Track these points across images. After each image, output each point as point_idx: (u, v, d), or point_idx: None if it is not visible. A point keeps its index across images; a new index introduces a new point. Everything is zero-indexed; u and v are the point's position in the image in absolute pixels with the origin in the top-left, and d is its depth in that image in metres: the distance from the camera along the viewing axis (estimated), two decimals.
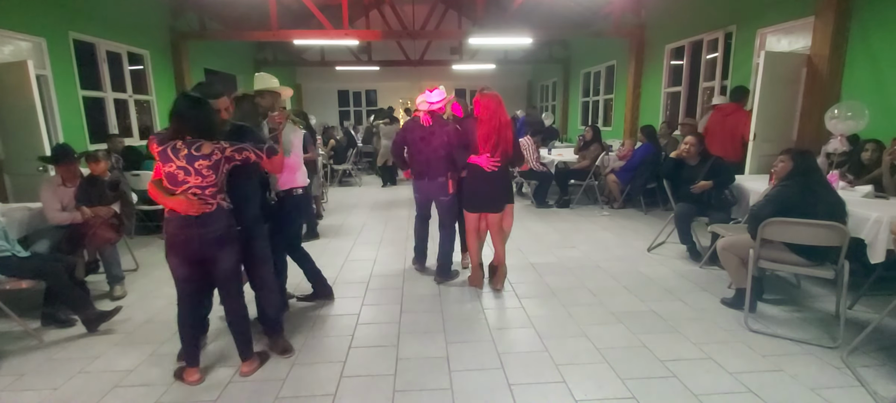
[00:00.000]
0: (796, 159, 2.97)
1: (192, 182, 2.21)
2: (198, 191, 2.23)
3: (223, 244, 2.32)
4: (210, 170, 2.21)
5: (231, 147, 2.26)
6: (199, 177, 2.20)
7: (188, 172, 2.19)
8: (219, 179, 2.27)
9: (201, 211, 2.24)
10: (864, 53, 4.59)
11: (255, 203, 2.65)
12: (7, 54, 5.18)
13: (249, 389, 2.42)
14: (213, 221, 2.27)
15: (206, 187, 2.23)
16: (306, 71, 15.65)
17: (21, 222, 3.52)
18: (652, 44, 8.55)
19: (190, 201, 2.21)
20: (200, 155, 2.18)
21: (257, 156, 2.33)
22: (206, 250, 2.30)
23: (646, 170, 6.26)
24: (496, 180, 3.42)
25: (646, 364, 2.59)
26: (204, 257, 2.33)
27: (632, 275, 3.97)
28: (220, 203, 2.31)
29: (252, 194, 2.63)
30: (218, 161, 2.23)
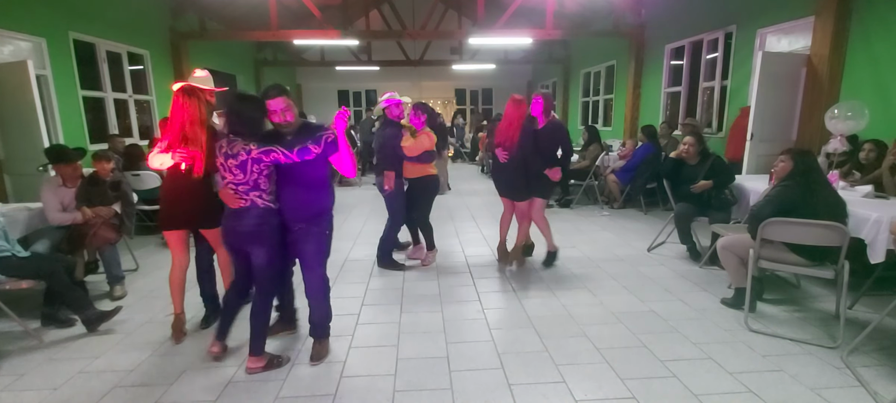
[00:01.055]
0: (796, 159, 2.96)
1: (229, 178, 2.35)
2: (233, 187, 2.35)
3: (254, 240, 2.40)
4: (238, 169, 2.30)
5: (258, 149, 2.27)
6: (231, 174, 2.33)
7: (226, 169, 2.34)
8: (249, 178, 2.32)
9: (237, 205, 2.36)
10: (864, 53, 4.59)
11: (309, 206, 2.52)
12: (7, 54, 5.18)
13: (249, 389, 2.42)
14: (245, 217, 2.37)
15: (239, 184, 2.33)
16: (306, 71, 15.67)
17: (21, 222, 3.52)
18: (652, 44, 8.56)
19: (228, 195, 2.37)
20: (231, 154, 2.30)
21: (287, 158, 2.29)
22: (239, 242, 2.43)
23: (646, 170, 6.26)
24: (508, 170, 3.92)
25: (646, 364, 2.59)
26: (240, 248, 2.46)
27: (632, 275, 3.97)
28: (255, 200, 2.36)
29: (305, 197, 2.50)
30: (244, 162, 2.29)
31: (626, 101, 9.26)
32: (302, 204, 2.49)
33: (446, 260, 4.47)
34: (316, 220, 2.52)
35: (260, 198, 2.37)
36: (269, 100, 2.39)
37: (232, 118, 2.31)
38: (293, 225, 2.50)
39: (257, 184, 2.34)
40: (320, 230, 2.55)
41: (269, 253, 2.43)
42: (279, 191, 2.45)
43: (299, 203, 2.48)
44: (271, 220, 2.40)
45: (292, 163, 2.33)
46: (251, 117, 2.32)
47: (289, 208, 2.47)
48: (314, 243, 2.54)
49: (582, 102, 12.20)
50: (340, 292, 3.72)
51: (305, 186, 2.48)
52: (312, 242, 2.53)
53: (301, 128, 2.50)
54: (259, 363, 2.54)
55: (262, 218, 2.37)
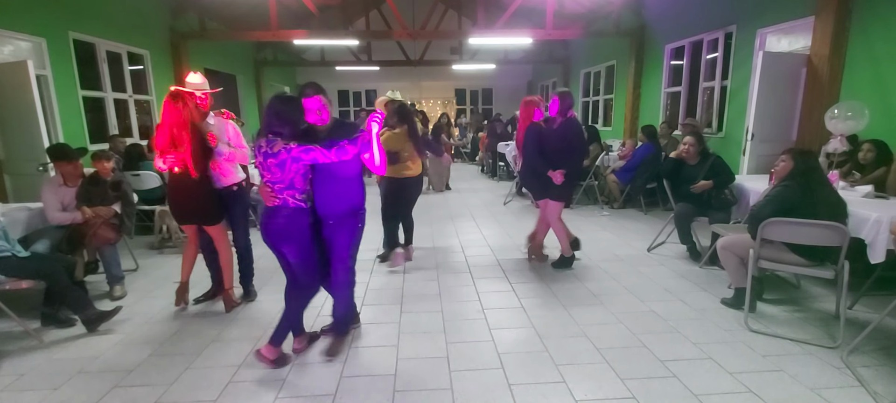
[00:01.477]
0: (797, 159, 2.96)
1: (267, 177, 2.40)
2: (270, 186, 2.41)
3: (284, 238, 2.46)
4: (277, 168, 2.34)
5: (298, 148, 2.31)
6: (269, 173, 2.38)
7: (264, 168, 2.38)
8: (286, 177, 2.36)
9: (272, 203, 2.42)
10: (864, 53, 4.59)
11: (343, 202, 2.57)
12: (7, 54, 5.18)
13: (249, 389, 2.42)
14: (277, 215, 2.43)
15: (275, 183, 2.39)
16: (306, 71, 15.65)
17: (21, 222, 3.52)
18: (652, 44, 8.56)
19: (265, 193, 2.44)
20: (271, 153, 2.33)
21: (325, 157, 2.32)
22: (272, 239, 2.49)
23: (646, 170, 6.26)
24: (523, 171, 4.28)
25: (646, 364, 2.59)
26: (275, 244, 2.52)
27: (632, 275, 3.97)
28: (288, 199, 2.40)
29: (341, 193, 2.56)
30: (284, 161, 2.32)
31: (626, 101, 9.26)
32: (336, 201, 2.55)
33: (446, 260, 4.47)
34: (349, 214, 2.61)
35: (292, 198, 2.41)
36: (306, 99, 2.46)
37: (272, 118, 2.36)
38: (327, 220, 2.56)
39: (293, 183, 2.39)
40: (353, 223, 2.63)
41: (299, 251, 2.49)
42: (314, 188, 2.51)
43: (333, 199, 2.54)
44: (301, 219, 2.45)
45: (316, 162, 2.36)
46: (291, 118, 2.38)
47: (323, 204, 2.53)
48: (346, 234, 2.61)
49: (582, 102, 12.20)
50: None
51: (339, 183, 2.54)
52: (345, 233, 2.60)
53: (335, 127, 2.56)
54: (273, 353, 2.57)
55: (292, 217, 2.43)
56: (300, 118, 2.44)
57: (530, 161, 3.95)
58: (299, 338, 2.77)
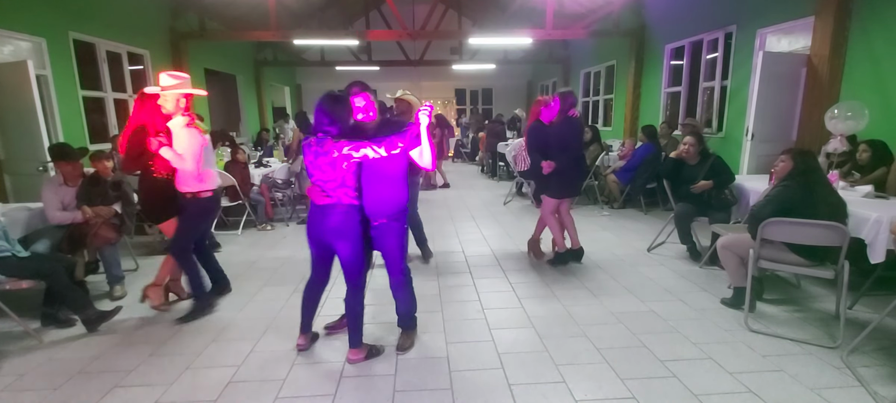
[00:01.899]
0: (797, 159, 2.96)
1: (317, 175, 2.41)
2: (321, 184, 2.42)
3: (339, 236, 2.46)
4: (328, 166, 2.36)
5: (349, 145, 2.31)
6: (320, 171, 2.39)
7: (314, 166, 2.40)
8: (338, 175, 2.37)
9: (323, 202, 2.43)
10: (864, 53, 4.59)
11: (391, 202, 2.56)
12: (7, 54, 5.18)
13: (249, 389, 2.42)
14: (331, 214, 2.44)
15: (327, 181, 2.39)
16: (306, 71, 15.66)
17: (21, 222, 3.52)
18: (652, 44, 8.56)
19: (315, 192, 2.47)
20: (322, 152, 2.34)
21: (376, 154, 2.31)
22: (324, 237, 2.50)
23: (646, 170, 6.26)
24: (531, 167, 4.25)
25: (646, 364, 2.59)
26: (324, 242, 2.53)
27: (632, 275, 3.97)
28: (342, 198, 2.42)
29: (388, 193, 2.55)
30: (335, 159, 2.33)
31: (626, 101, 9.26)
32: (384, 200, 2.53)
33: (446, 260, 4.47)
34: (397, 215, 2.59)
35: (346, 196, 2.43)
36: (352, 97, 2.49)
37: (322, 117, 2.37)
38: (375, 220, 2.57)
39: (345, 181, 2.40)
40: (401, 225, 2.63)
41: (353, 248, 2.50)
42: (362, 186, 2.50)
43: (382, 198, 2.53)
44: (355, 217, 2.47)
45: (376, 159, 2.36)
46: (340, 116, 2.38)
47: (371, 203, 2.52)
48: (395, 237, 2.62)
49: (582, 102, 12.20)
50: (340, 292, 3.69)
51: (387, 181, 2.53)
52: (394, 237, 2.61)
53: (382, 125, 2.58)
54: (359, 354, 2.63)
55: (347, 215, 2.44)
56: (348, 116, 2.43)
57: (533, 158, 4.13)
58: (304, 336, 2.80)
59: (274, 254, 4.76)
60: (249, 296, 3.64)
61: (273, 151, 8.12)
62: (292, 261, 4.52)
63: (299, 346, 2.78)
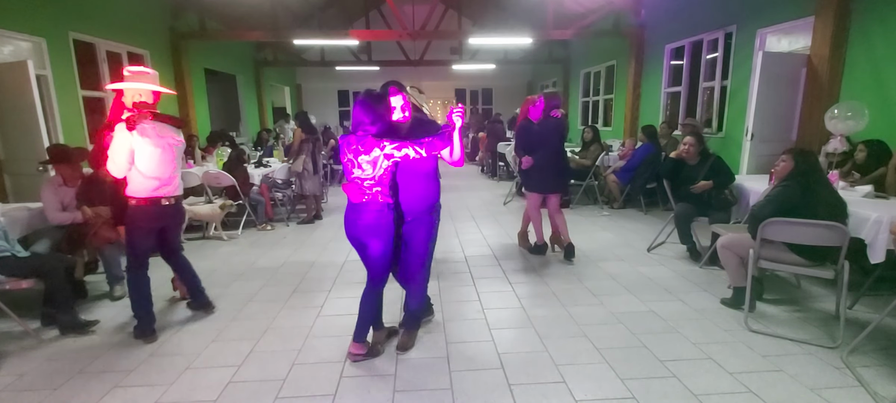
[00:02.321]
0: (797, 159, 2.96)
1: (357, 173, 2.42)
2: (359, 182, 2.44)
3: (372, 233, 2.48)
4: (369, 164, 2.38)
5: (392, 144, 2.35)
6: (360, 169, 2.41)
7: (353, 164, 2.41)
8: (376, 173, 2.40)
9: (360, 200, 2.45)
10: (864, 53, 4.59)
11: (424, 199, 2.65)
12: (7, 54, 5.18)
13: (249, 389, 2.42)
14: (365, 212, 2.45)
15: (365, 180, 2.41)
16: (306, 71, 15.66)
17: (21, 222, 3.52)
18: (652, 44, 8.56)
19: (353, 189, 2.48)
20: (363, 150, 2.37)
21: (417, 153, 2.36)
22: (359, 234, 2.52)
23: (646, 170, 6.26)
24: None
25: (646, 364, 2.59)
26: (359, 239, 2.54)
27: (632, 275, 3.97)
28: (376, 196, 2.44)
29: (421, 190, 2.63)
30: (377, 158, 2.36)
31: (626, 101, 9.26)
32: (419, 196, 2.61)
33: (446, 260, 4.47)
34: (430, 209, 2.67)
35: (381, 194, 2.45)
36: (392, 97, 2.52)
37: (362, 116, 2.39)
38: (408, 216, 2.62)
39: (382, 179, 2.42)
40: (432, 219, 2.69)
41: (384, 246, 2.52)
42: (398, 184, 2.54)
43: (416, 195, 2.60)
44: (389, 215, 2.48)
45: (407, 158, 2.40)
46: (380, 115, 2.41)
47: (407, 200, 2.58)
48: (425, 229, 2.67)
49: (582, 102, 12.20)
50: (340, 292, 3.72)
51: (421, 178, 2.60)
52: (424, 229, 2.66)
53: (415, 124, 2.62)
54: (361, 349, 2.65)
55: (381, 213, 2.46)
56: (388, 115, 2.47)
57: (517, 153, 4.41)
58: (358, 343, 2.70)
59: (274, 254, 4.77)
60: (249, 296, 3.64)
61: (273, 151, 8.12)
62: (292, 261, 4.52)
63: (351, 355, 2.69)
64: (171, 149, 2.88)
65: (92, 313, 3.37)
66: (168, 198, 2.89)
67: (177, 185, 2.97)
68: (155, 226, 2.94)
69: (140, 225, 2.87)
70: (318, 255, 4.72)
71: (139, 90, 2.76)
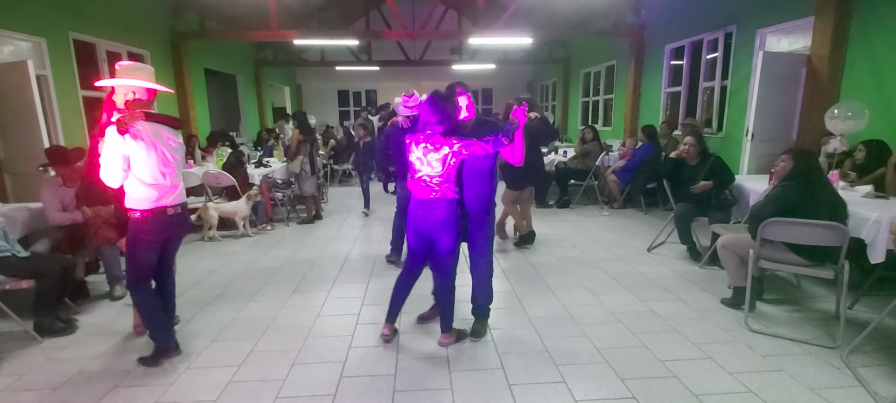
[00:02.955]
0: (797, 159, 2.96)
1: (425, 171, 2.51)
2: (427, 179, 2.51)
3: (442, 229, 2.58)
4: (438, 162, 2.47)
5: (461, 142, 2.43)
6: (429, 166, 2.49)
7: (422, 162, 2.50)
8: (445, 170, 2.48)
9: (427, 196, 2.54)
10: (864, 53, 4.59)
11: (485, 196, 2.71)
12: (7, 54, 5.18)
13: (249, 389, 2.42)
14: (436, 208, 2.54)
15: (434, 177, 2.50)
16: (306, 71, 15.66)
17: (21, 222, 3.52)
18: (652, 44, 8.56)
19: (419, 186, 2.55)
20: (432, 148, 2.46)
21: (484, 150, 2.42)
22: (427, 230, 2.61)
23: (646, 170, 6.26)
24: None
25: (646, 364, 2.59)
26: (427, 235, 2.64)
27: (632, 275, 3.97)
28: (446, 192, 2.53)
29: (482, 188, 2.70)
30: (445, 155, 2.45)
31: (626, 101, 9.26)
32: (479, 194, 2.68)
33: None
34: (488, 208, 2.74)
35: (450, 190, 2.54)
36: (459, 96, 2.63)
37: (431, 114, 2.48)
38: (472, 213, 2.70)
39: (450, 176, 2.51)
40: (490, 217, 2.77)
41: (453, 241, 2.63)
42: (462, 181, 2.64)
43: (477, 192, 2.68)
44: (457, 211, 2.58)
45: (473, 156, 2.49)
46: (450, 114, 2.51)
47: (470, 197, 2.67)
48: (485, 228, 2.75)
49: (582, 102, 12.20)
50: (340, 292, 3.72)
51: (482, 176, 2.67)
52: (484, 228, 2.74)
53: (477, 123, 2.71)
54: (450, 338, 2.80)
55: (451, 209, 2.55)
56: (455, 114, 2.56)
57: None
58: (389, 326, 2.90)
59: (274, 254, 4.77)
60: (249, 296, 3.64)
61: (273, 151, 8.12)
62: (292, 261, 4.52)
63: (384, 336, 2.88)
64: (170, 153, 2.57)
65: (92, 313, 3.38)
66: (173, 206, 2.59)
67: (181, 191, 2.66)
68: (160, 239, 2.61)
69: (144, 239, 2.54)
70: (318, 255, 4.72)
71: (132, 87, 2.45)
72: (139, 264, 2.60)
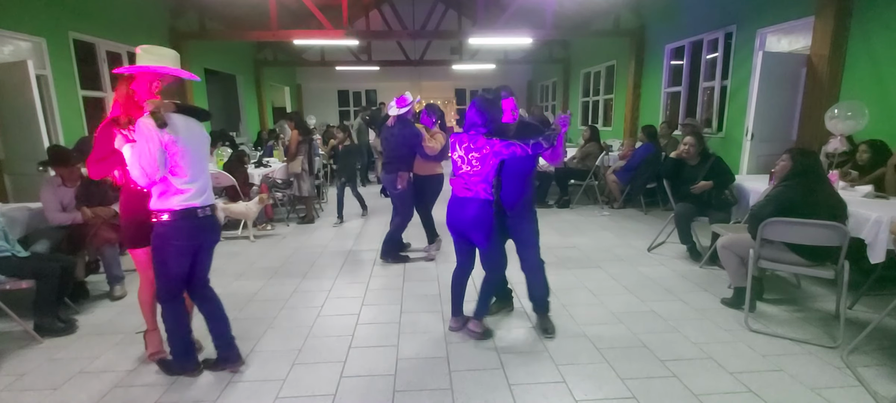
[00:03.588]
0: (797, 159, 2.96)
1: (465, 169, 2.62)
2: (466, 177, 2.63)
3: (474, 227, 2.70)
4: (478, 161, 2.57)
5: (501, 143, 2.52)
6: (469, 165, 2.60)
7: (463, 161, 2.62)
8: (484, 170, 2.58)
9: (464, 195, 2.66)
10: (864, 53, 4.59)
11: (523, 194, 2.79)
12: (7, 54, 5.18)
13: (249, 389, 2.42)
14: (468, 207, 2.67)
15: (472, 175, 2.62)
16: (306, 71, 15.67)
17: (21, 222, 3.52)
18: (652, 44, 8.56)
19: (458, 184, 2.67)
20: (474, 147, 2.57)
21: (523, 151, 2.50)
22: (462, 227, 2.74)
23: (646, 170, 6.26)
24: None
25: (646, 364, 2.59)
26: (462, 231, 2.77)
27: (632, 275, 3.97)
28: (480, 192, 2.63)
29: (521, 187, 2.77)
30: (486, 155, 2.55)
31: (626, 101, 9.26)
32: (519, 193, 2.77)
33: (446, 261, 4.47)
34: (529, 204, 2.83)
35: (484, 191, 2.64)
36: (504, 100, 2.71)
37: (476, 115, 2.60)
38: (511, 211, 2.79)
39: (487, 176, 2.61)
40: (532, 213, 2.85)
41: (487, 238, 2.72)
42: (502, 181, 2.74)
43: (517, 191, 2.76)
44: (489, 210, 2.67)
45: (514, 157, 2.57)
46: (494, 116, 2.61)
47: (508, 196, 2.76)
48: (529, 224, 2.83)
49: (582, 102, 12.20)
50: (340, 292, 3.72)
51: (521, 177, 2.75)
52: (526, 222, 2.83)
53: (521, 126, 2.80)
54: (478, 327, 2.90)
55: (483, 208, 2.65)
56: (499, 116, 2.66)
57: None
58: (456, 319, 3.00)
59: (274, 254, 4.77)
60: (249, 296, 3.64)
61: (273, 151, 8.12)
62: (292, 261, 4.52)
63: (452, 328, 2.99)
64: (202, 148, 2.37)
65: (92, 313, 3.38)
66: (203, 208, 2.33)
67: (210, 192, 2.42)
68: (192, 245, 2.36)
69: (174, 244, 2.29)
70: (318, 255, 4.72)
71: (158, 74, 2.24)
72: (171, 274, 2.34)
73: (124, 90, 2.27)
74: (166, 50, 2.32)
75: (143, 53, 2.26)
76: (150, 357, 2.66)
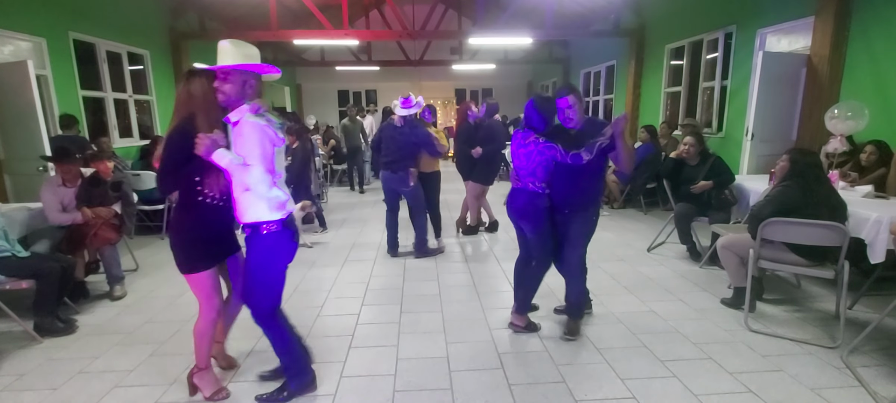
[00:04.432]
0: (797, 159, 2.96)
1: (515, 163, 2.81)
2: (517, 170, 2.82)
3: (523, 217, 2.82)
4: (525, 157, 2.73)
5: (542, 143, 2.64)
6: (518, 160, 2.78)
7: (516, 155, 2.80)
8: (530, 165, 2.71)
9: (515, 185, 2.84)
10: (864, 53, 4.59)
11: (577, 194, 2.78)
12: (7, 54, 5.18)
13: (249, 390, 2.41)
14: (518, 197, 2.82)
15: (521, 169, 2.78)
16: (306, 71, 15.65)
17: (21, 222, 3.52)
18: (652, 44, 8.55)
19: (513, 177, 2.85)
20: (523, 144, 2.73)
21: (562, 157, 2.60)
22: (514, 217, 2.89)
23: (646, 170, 6.26)
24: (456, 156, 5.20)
25: (646, 364, 2.59)
26: (514, 220, 2.92)
27: (632, 275, 3.97)
28: (528, 184, 2.76)
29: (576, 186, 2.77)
30: (531, 152, 2.69)
31: (626, 101, 9.26)
32: (571, 194, 2.78)
33: (446, 260, 4.47)
34: (583, 206, 2.81)
35: (532, 183, 2.74)
36: (558, 99, 2.72)
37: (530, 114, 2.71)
38: (563, 209, 2.82)
39: (535, 171, 2.71)
40: (587, 214, 2.82)
41: (535, 228, 2.80)
42: (553, 178, 2.76)
43: (568, 191, 2.78)
44: (537, 202, 2.75)
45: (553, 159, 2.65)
46: (545, 116, 2.68)
47: (558, 194, 2.79)
48: (579, 224, 2.81)
49: None
50: (340, 292, 3.72)
51: (576, 176, 2.73)
52: (578, 223, 2.81)
53: (586, 125, 2.78)
54: (522, 321, 2.98)
55: (530, 199, 2.75)
56: (553, 116, 2.72)
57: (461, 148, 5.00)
58: (521, 317, 3.00)
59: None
60: None
61: None
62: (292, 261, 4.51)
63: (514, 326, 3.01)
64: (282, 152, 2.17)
65: (92, 313, 3.38)
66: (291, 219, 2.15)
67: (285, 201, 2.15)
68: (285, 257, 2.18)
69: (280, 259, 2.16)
70: (318, 255, 4.72)
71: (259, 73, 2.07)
72: (278, 288, 2.20)
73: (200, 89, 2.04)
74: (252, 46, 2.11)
75: (232, 48, 2.04)
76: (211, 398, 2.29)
